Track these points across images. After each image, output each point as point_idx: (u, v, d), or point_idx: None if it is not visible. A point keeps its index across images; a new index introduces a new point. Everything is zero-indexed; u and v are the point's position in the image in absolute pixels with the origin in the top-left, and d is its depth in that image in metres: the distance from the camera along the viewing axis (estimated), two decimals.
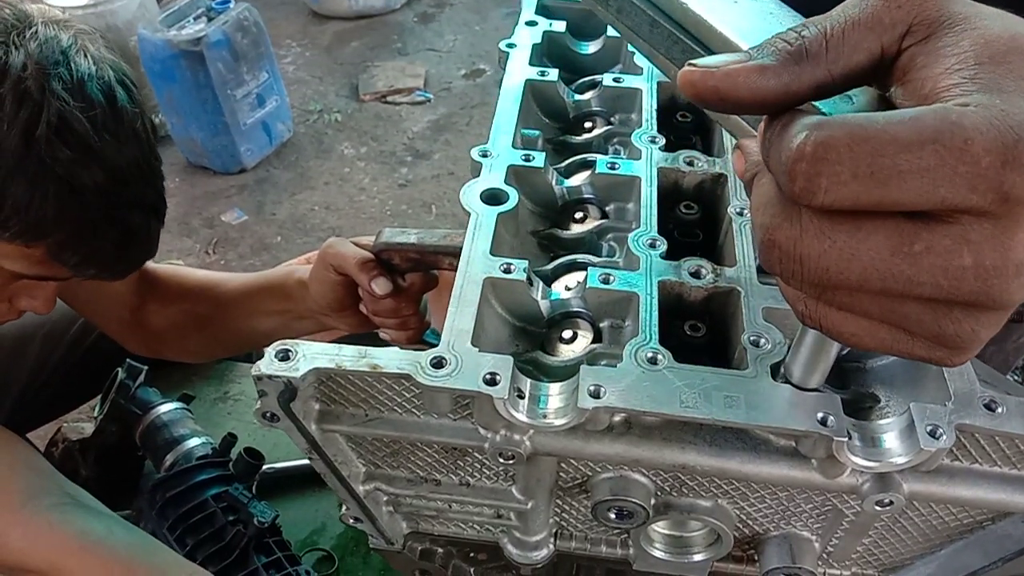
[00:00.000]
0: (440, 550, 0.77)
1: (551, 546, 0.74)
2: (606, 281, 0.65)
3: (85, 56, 0.82)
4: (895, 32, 0.35)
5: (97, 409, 1.39)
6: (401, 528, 0.75)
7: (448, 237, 1.01)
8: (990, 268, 0.32)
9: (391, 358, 0.57)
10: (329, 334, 1.12)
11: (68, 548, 0.91)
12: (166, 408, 1.34)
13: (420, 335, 1.10)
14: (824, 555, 0.70)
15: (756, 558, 0.71)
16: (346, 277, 1.01)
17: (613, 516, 0.65)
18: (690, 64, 0.36)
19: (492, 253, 0.67)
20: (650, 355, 0.58)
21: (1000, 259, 0.32)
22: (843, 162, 0.31)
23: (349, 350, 0.58)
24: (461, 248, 0.97)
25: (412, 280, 1.02)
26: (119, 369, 1.35)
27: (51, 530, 0.92)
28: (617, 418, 0.59)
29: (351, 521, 0.73)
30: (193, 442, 1.28)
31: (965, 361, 0.39)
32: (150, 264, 1.23)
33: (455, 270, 1.01)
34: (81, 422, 1.45)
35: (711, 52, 0.47)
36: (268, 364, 0.57)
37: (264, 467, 1.23)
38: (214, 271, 1.28)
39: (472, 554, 0.78)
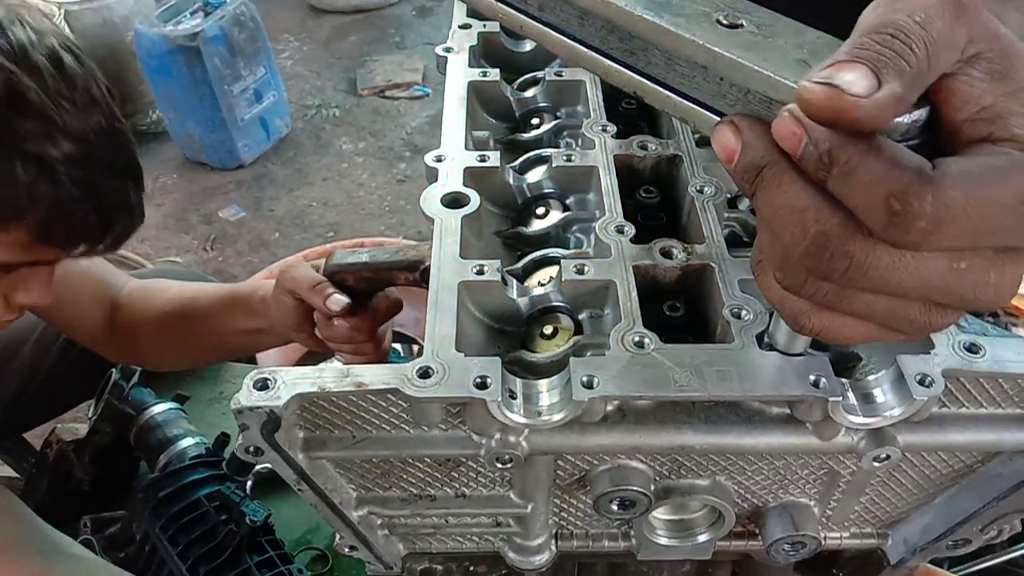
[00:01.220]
0: (439, 567, 0.75)
1: (552, 548, 0.72)
2: (581, 272, 0.64)
3: (22, 25, 0.79)
4: (960, 46, 0.35)
5: (91, 410, 1.40)
6: (398, 550, 0.73)
7: (401, 252, 0.99)
8: (1005, 284, 0.37)
9: (375, 373, 0.55)
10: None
11: None
12: (160, 408, 1.34)
13: (376, 362, 1.07)
14: (823, 519, 0.71)
15: (758, 532, 0.71)
16: (302, 300, 0.99)
17: (616, 507, 0.64)
18: (814, 82, 0.34)
19: (461, 257, 0.65)
20: (637, 339, 0.57)
21: (1012, 277, 0.37)
22: (957, 224, 0.34)
23: (330, 371, 0.56)
24: (416, 261, 0.96)
25: (375, 305, 1.00)
26: (113, 370, 1.35)
27: None
28: (610, 407, 0.58)
29: (346, 550, 0.70)
30: (186, 442, 1.28)
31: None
32: (122, 284, 1.25)
33: (411, 284, 1.00)
34: (75, 423, 1.44)
35: (647, 40, 0.46)
36: (247, 396, 0.54)
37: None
38: (187, 284, 1.26)
39: (471, 567, 0.76)
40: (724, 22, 0.44)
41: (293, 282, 0.97)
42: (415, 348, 2.16)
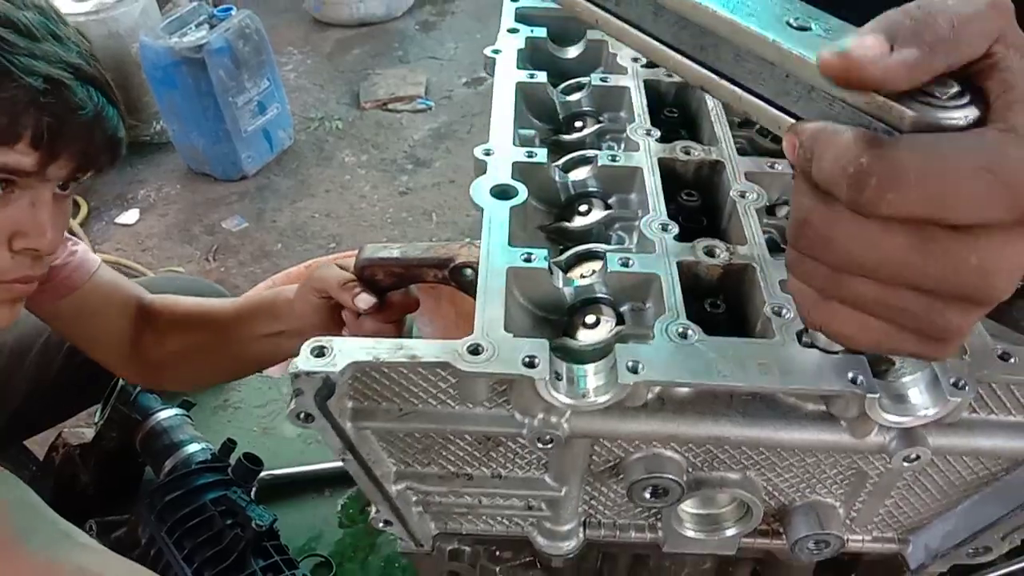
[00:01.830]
0: (468, 548, 0.77)
1: (580, 535, 0.74)
2: (626, 264, 0.66)
3: None
4: (992, 36, 0.38)
5: (98, 415, 1.39)
6: (430, 528, 0.75)
7: (432, 249, 1.01)
8: (991, 269, 0.37)
9: (428, 347, 0.57)
10: None
11: None
12: (166, 414, 1.34)
13: None
14: (847, 521, 0.72)
15: (782, 530, 0.72)
16: (329, 299, 1.01)
17: (648, 495, 0.65)
18: (834, 53, 0.38)
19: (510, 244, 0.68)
20: (681, 330, 0.59)
21: (1002, 262, 0.37)
22: (912, 184, 0.36)
23: (385, 343, 0.58)
24: (446, 259, 0.98)
25: (391, 301, 1.02)
26: None
27: (47, 568, 0.90)
28: (651, 395, 0.60)
29: (381, 524, 0.72)
30: (193, 448, 1.29)
31: (949, 355, 0.45)
32: (146, 296, 1.25)
33: (440, 282, 1.02)
34: (81, 427, 1.44)
35: (719, 36, 0.49)
36: (305, 361, 0.56)
37: (263, 473, 1.23)
38: (205, 298, 1.27)
39: (498, 552, 0.78)
40: (793, 24, 0.46)
41: (322, 281, 0.99)
42: None
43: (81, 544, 0.96)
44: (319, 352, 0.57)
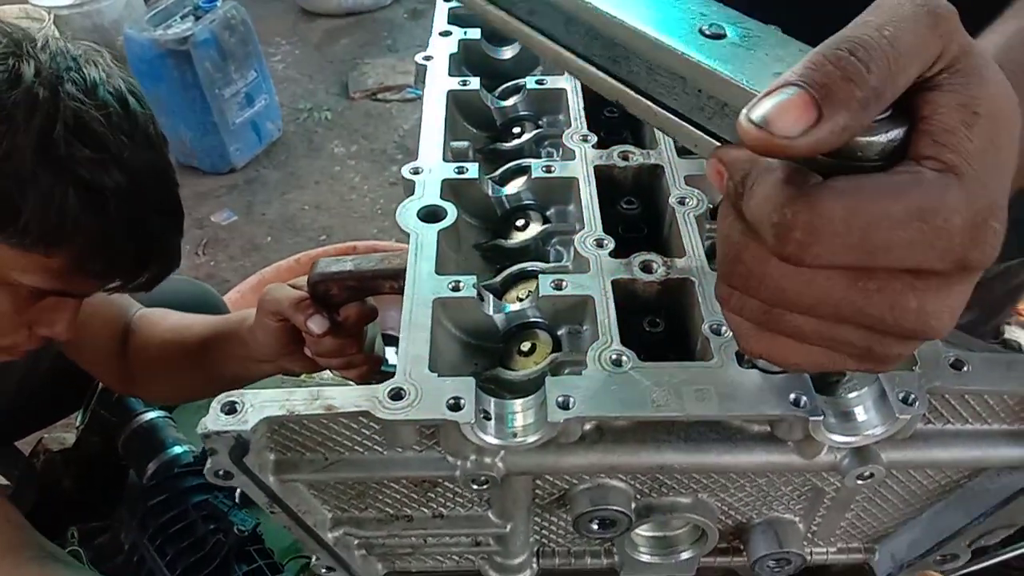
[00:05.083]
0: None
1: (534, 566, 0.71)
2: (558, 287, 0.63)
3: (95, 66, 0.83)
4: (931, 59, 0.34)
5: (79, 419, 1.36)
6: (377, 570, 0.72)
7: (386, 260, 0.98)
8: (930, 312, 0.35)
9: (346, 396, 0.54)
10: None
11: None
12: (148, 416, 1.34)
13: (371, 372, 1.06)
14: (809, 535, 0.70)
15: (742, 548, 0.69)
16: (286, 322, 0.98)
17: (596, 527, 0.62)
18: (752, 124, 0.33)
19: (437, 272, 0.64)
20: (614, 357, 0.56)
21: (940, 305, 0.36)
22: (837, 236, 0.33)
23: (300, 393, 0.54)
24: (401, 269, 0.94)
25: (347, 315, 0.99)
26: None
27: None
28: (588, 426, 0.57)
29: (323, 571, 0.69)
30: (175, 450, 1.28)
31: (889, 370, 0.42)
32: (135, 309, 1.25)
33: (397, 292, 0.98)
34: (63, 432, 1.41)
35: (629, 48, 0.45)
36: (214, 420, 0.53)
37: None
38: (184, 315, 1.25)
39: None
40: (707, 32, 0.43)
41: (275, 303, 0.96)
42: None
43: (65, 562, 0.97)
44: (230, 409, 0.54)
